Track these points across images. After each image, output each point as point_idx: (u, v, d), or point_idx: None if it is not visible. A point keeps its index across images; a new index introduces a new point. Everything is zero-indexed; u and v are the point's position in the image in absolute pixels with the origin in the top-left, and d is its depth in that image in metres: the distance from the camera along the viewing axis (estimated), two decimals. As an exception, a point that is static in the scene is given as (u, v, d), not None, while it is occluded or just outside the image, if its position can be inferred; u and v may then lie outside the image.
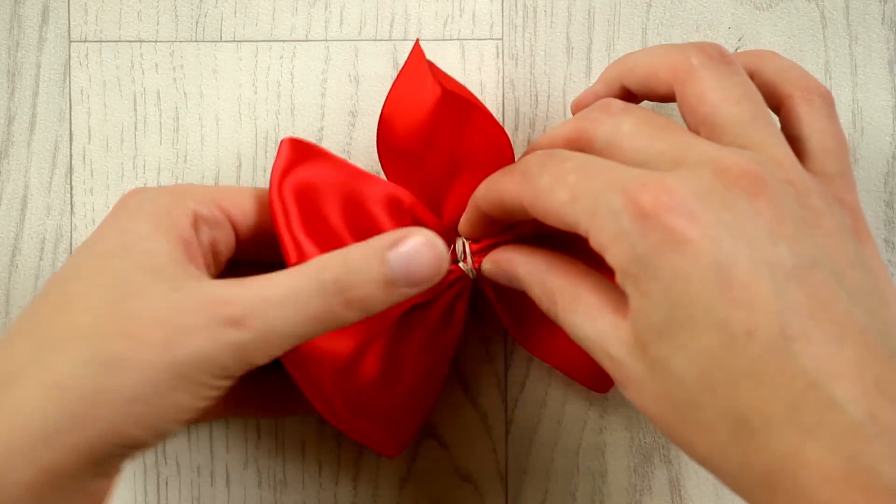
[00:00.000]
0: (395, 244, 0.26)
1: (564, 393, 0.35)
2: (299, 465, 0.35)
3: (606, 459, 0.35)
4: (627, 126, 0.26)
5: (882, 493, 0.20)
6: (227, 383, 0.25)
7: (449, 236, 0.32)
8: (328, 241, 0.30)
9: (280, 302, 0.25)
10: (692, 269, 0.22)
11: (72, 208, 0.35)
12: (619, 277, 0.24)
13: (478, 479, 0.35)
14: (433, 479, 0.35)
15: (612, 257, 0.24)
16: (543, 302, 0.28)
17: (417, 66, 0.30)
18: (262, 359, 0.26)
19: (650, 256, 0.23)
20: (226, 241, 0.29)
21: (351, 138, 0.35)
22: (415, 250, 0.26)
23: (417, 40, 0.31)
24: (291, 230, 0.29)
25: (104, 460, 0.24)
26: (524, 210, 0.27)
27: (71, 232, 0.35)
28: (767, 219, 0.23)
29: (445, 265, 0.27)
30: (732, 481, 0.23)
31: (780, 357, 0.21)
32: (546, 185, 0.25)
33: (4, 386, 0.24)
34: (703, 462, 0.23)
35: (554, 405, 0.35)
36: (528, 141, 0.35)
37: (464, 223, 0.31)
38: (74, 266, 0.26)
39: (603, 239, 0.24)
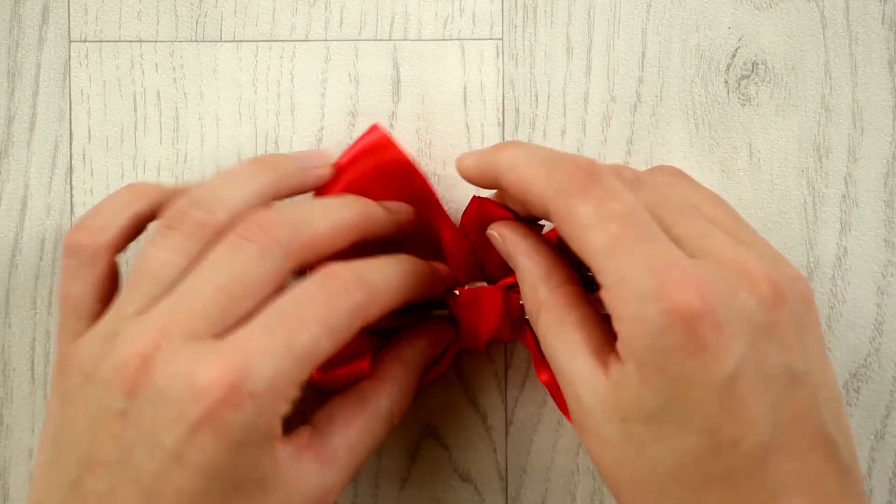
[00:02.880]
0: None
1: (564, 393, 0.35)
2: (299, 465, 0.35)
3: (606, 459, 0.35)
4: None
5: None
6: None
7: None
8: None
9: None
10: (702, 376, 0.23)
11: (72, 208, 0.35)
12: (622, 347, 0.24)
13: (478, 479, 0.35)
14: (433, 479, 0.35)
15: (626, 332, 0.24)
16: (528, 304, 0.28)
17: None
18: None
19: (666, 353, 0.23)
20: None
21: (351, 138, 0.35)
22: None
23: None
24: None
25: None
26: (546, 214, 0.26)
27: (71, 232, 0.35)
28: (779, 332, 0.24)
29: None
30: None
31: (754, 467, 0.23)
32: (584, 217, 0.24)
33: None
34: None
35: (554, 405, 0.35)
36: (528, 141, 0.35)
37: (472, 170, 0.29)
38: None
39: (622, 311, 0.24)
